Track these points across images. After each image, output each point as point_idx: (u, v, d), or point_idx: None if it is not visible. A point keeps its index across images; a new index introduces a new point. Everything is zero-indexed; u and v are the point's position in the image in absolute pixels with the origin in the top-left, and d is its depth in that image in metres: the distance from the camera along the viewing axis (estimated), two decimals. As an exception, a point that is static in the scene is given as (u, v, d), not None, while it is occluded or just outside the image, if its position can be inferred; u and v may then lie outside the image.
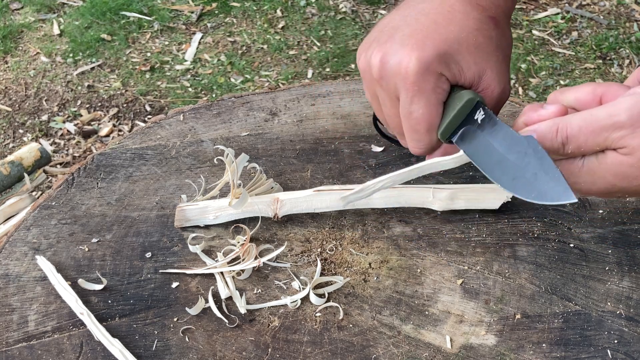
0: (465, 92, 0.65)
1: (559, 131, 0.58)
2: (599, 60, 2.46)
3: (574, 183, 0.60)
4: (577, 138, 0.57)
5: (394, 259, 0.81)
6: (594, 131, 0.56)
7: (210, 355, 0.72)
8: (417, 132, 0.67)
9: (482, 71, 0.66)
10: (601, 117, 0.56)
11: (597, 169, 0.58)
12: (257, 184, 0.87)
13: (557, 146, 0.59)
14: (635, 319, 0.73)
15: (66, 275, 0.80)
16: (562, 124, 0.58)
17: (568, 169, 0.60)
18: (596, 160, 0.58)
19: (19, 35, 2.72)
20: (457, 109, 0.64)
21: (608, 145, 0.56)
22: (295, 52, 2.57)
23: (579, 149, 0.58)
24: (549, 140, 0.59)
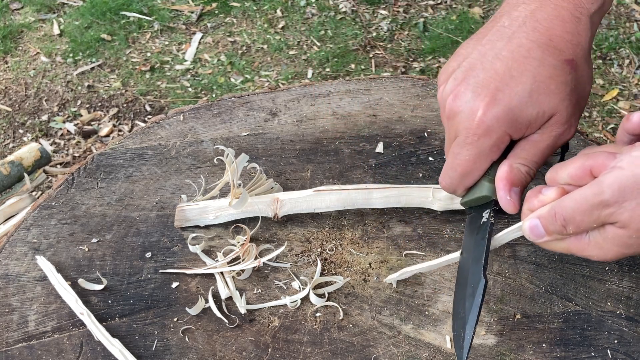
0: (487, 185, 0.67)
1: (557, 215, 0.60)
2: (599, 60, 2.46)
3: (588, 256, 0.62)
4: (573, 219, 0.59)
5: (394, 259, 0.81)
6: (585, 211, 0.58)
7: (210, 355, 0.72)
8: (454, 171, 0.69)
9: (549, 116, 0.65)
10: (589, 197, 0.57)
11: (603, 243, 0.59)
12: (257, 184, 0.87)
13: (559, 229, 0.61)
14: (635, 319, 0.73)
15: (66, 275, 0.80)
16: (558, 208, 0.60)
17: (577, 245, 0.61)
18: (599, 235, 0.59)
19: (19, 35, 2.71)
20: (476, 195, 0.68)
21: (603, 221, 0.58)
22: (295, 52, 2.57)
23: (578, 228, 0.59)
24: (552, 224, 0.61)
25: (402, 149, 0.94)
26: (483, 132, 0.64)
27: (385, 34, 2.62)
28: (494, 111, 0.64)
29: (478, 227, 0.69)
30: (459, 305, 0.67)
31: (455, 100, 0.66)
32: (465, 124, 0.65)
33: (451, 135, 0.69)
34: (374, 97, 1.02)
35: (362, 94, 1.03)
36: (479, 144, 0.65)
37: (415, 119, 0.98)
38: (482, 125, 0.64)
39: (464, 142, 0.66)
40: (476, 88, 0.65)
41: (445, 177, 0.71)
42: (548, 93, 0.64)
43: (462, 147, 0.66)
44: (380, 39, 2.60)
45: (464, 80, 0.66)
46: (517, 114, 0.64)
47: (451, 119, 0.67)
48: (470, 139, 0.65)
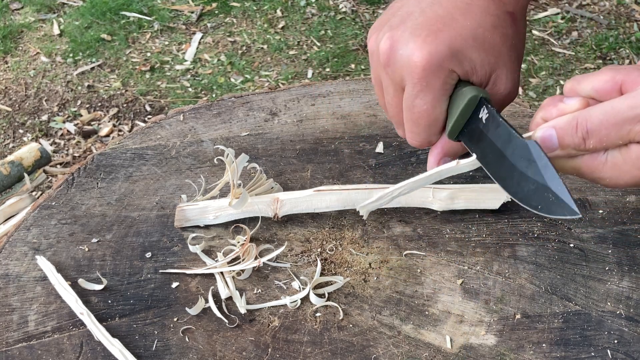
0: (468, 88, 0.63)
1: (579, 126, 0.56)
2: (599, 60, 2.46)
3: (598, 179, 0.58)
4: (598, 132, 0.55)
5: (394, 259, 0.81)
6: (615, 124, 0.54)
7: (210, 355, 0.72)
8: (418, 125, 0.65)
9: (493, 70, 0.63)
10: (623, 109, 0.54)
11: (622, 164, 0.56)
12: (257, 184, 0.87)
13: (577, 142, 0.56)
14: (635, 319, 0.73)
15: (66, 275, 0.80)
16: (581, 118, 0.56)
17: (591, 165, 0.58)
18: (619, 154, 0.56)
19: (19, 35, 2.72)
20: (461, 107, 0.62)
21: (631, 138, 0.54)
22: (295, 52, 2.57)
23: (600, 143, 0.56)
24: (569, 136, 0.57)
25: (402, 149, 0.94)
26: (430, 72, 0.60)
27: (385, 34, 2.62)
28: (436, 48, 0.59)
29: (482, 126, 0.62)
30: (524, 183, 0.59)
31: (393, 45, 0.62)
32: (408, 69, 0.61)
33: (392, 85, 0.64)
34: (374, 97, 1.02)
35: (362, 94, 1.03)
36: (430, 87, 0.61)
37: (415, 119, 0.98)
38: (428, 66, 0.60)
39: (414, 91, 0.62)
40: (415, 29, 0.61)
41: (412, 136, 0.66)
42: (492, 43, 0.61)
43: (415, 98, 0.62)
44: (380, 39, 2.59)
45: (401, 24, 0.62)
46: (461, 52, 0.61)
47: (390, 67, 0.63)
48: (419, 84, 0.61)
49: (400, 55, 0.61)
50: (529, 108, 0.99)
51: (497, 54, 0.63)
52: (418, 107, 0.63)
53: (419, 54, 0.60)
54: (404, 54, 0.61)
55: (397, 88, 0.65)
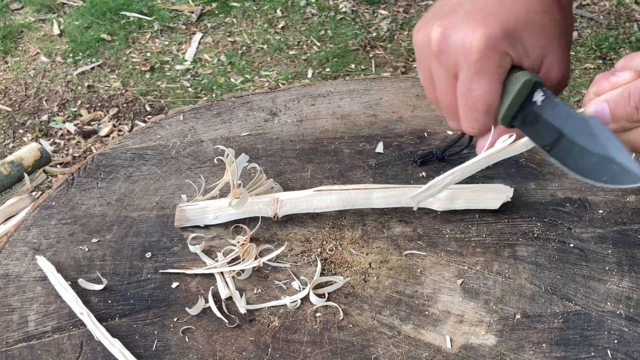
0: (521, 73, 0.62)
1: (632, 96, 0.55)
2: (599, 60, 2.46)
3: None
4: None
5: (394, 259, 0.81)
6: None
7: (210, 355, 0.72)
8: (475, 111, 0.64)
9: (545, 54, 0.63)
10: None
11: None
12: (257, 184, 0.87)
13: (630, 112, 0.56)
14: (635, 319, 0.73)
15: (66, 275, 0.80)
16: (633, 87, 0.55)
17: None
18: None
19: (19, 35, 2.71)
20: (515, 91, 0.62)
21: None
22: (295, 52, 2.57)
23: None
24: (622, 107, 0.56)
25: (402, 149, 0.94)
26: (485, 55, 0.60)
27: (385, 34, 2.62)
28: (490, 30, 0.60)
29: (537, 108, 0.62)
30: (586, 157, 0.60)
31: (445, 32, 0.62)
32: (462, 52, 0.61)
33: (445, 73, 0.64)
34: (374, 97, 1.02)
35: (362, 94, 1.03)
36: (486, 69, 0.61)
37: (415, 119, 0.98)
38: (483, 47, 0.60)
39: (469, 75, 0.61)
40: (466, 15, 0.61)
41: (470, 123, 0.65)
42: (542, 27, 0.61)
43: (471, 82, 0.62)
44: (380, 39, 2.60)
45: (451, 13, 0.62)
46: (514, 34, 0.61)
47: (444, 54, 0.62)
48: (474, 68, 0.61)
49: (454, 40, 0.61)
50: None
51: (548, 37, 0.62)
52: (475, 91, 0.62)
53: (473, 36, 0.60)
54: (458, 38, 0.61)
55: (451, 76, 0.64)
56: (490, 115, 0.64)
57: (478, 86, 0.62)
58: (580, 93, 2.32)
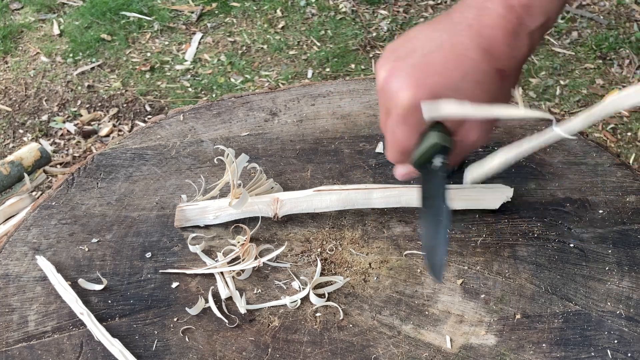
0: (435, 134, 0.70)
1: None
2: (599, 60, 2.46)
3: None
4: None
5: (394, 259, 0.81)
6: None
7: (210, 355, 0.72)
8: (394, 149, 0.73)
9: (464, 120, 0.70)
10: None
11: None
12: (257, 184, 0.87)
13: None
14: (635, 319, 0.73)
15: (66, 275, 0.80)
16: None
17: None
18: None
19: (19, 35, 2.71)
20: (423, 148, 0.71)
21: None
22: (295, 52, 2.57)
23: None
24: None
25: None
26: (410, 111, 0.68)
27: (385, 34, 2.62)
28: (418, 94, 0.67)
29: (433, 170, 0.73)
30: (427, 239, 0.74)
31: (388, 77, 0.70)
32: (393, 102, 0.69)
33: (383, 107, 0.73)
34: (374, 97, 1.02)
35: (362, 94, 1.03)
36: (407, 122, 0.69)
37: (415, 119, 0.98)
38: (408, 106, 0.68)
39: (396, 122, 0.70)
40: (410, 70, 0.69)
41: (390, 154, 0.75)
42: (471, 97, 0.68)
43: (396, 127, 0.71)
44: (380, 39, 2.60)
45: (403, 59, 0.70)
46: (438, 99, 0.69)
47: (383, 93, 0.71)
48: (399, 118, 0.69)
49: (391, 88, 0.69)
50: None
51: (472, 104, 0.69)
52: (396, 135, 0.71)
53: (404, 94, 0.68)
54: (394, 88, 0.69)
55: (385, 112, 0.72)
56: (405, 155, 0.73)
57: (399, 132, 0.71)
58: (580, 93, 2.33)
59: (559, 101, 2.31)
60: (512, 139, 0.92)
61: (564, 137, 0.68)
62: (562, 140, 0.92)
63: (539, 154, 0.92)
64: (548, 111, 2.23)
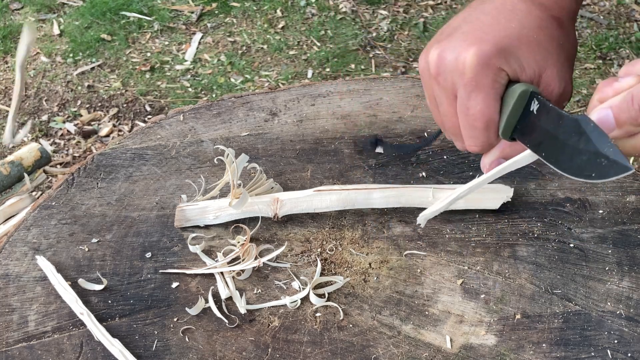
0: (517, 85, 0.63)
1: (635, 99, 0.55)
2: (599, 60, 2.46)
3: None
4: None
5: (394, 259, 0.81)
6: None
7: (210, 355, 0.72)
8: (475, 128, 0.65)
9: (542, 69, 0.64)
10: None
11: None
12: (257, 184, 0.87)
13: (635, 115, 0.56)
14: (635, 319, 0.73)
15: (66, 275, 0.80)
16: (636, 91, 0.55)
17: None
18: None
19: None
20: (512, 104, 0.62)
21: None
22: (295, 52, 2.57)
23: None
24: (626, 111, 0.56)
25: (401, 151, 0.94)
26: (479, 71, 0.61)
27: (385, 34, 2.62)
28: (483, 48, 0.61)
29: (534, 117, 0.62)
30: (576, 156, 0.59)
31: (441, 54, 0.63)
32: (457, 72, 0.62)
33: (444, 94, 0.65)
34: (374, 97, 1.02)
35: (362, 94, 1.03)
36: (481, 86, 0.62)
37: (415, 119, 0.98)
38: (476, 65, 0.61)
39: (466, 94, 0.63)
40: (461, 37, 0.63)
41: (471, 141, 0.66)
42: (538, 43, 0.63)
43: (468, 100, 0.63)
44: (380, 39, 2.60)
45: (448, 37, 0.64)
46: (508, 50, 0.62)
47: (441, 75, 0.64)
48: (470, 85, 0.62)
49: (449, 62, 0.63)
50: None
51: (544, 53, 0.63)
52: (472, 108, 0.63)
53: (465, 55, 0.61)
54: (452, 58, 0.62)
55: (450, 96, 0.65)
56: (490, 130, 0.65)
57: (475, 103, 0.63)
58: (580, 93, 2.32)
59: (559, 101, 2.30)
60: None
61: None
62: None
63: (539, 154, 0.92)
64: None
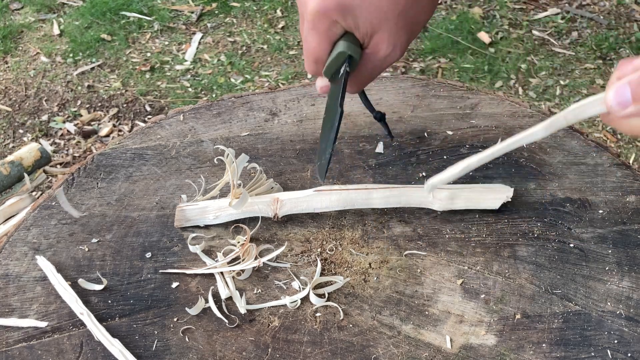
0: (343, 43, 0.72)
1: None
2: (599, 60, 2.46)
3: None
4: None
5: (394, 259, 0.81)
6: None
7: (210, 355, 0.72)
8: (308, 58, 0.76)
9: (375, 30, 0.71)
10: None
11: None
12: (257, 184, 0.87)
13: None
14: (635, 319, 0.73)
15: (66, 275, 0.80)
16: None
17: None
18: None
19: (19, 35, 2.71)
20: (332, 57, 0.73)
21: None
22: (295, 52, 2.57)
23: None
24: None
25: (402, 149, 0.94)
26: (317, 17, 0.71)
27: (385, 34, 2.62)
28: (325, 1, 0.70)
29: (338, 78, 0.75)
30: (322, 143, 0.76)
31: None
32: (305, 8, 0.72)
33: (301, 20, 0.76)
34: (374, 97, 1.02)
35: (362, 94, 1.03)
36: (317, 29, 0.72)
37: (415, 119, 0.98)
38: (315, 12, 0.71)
39: (308, 29, 0.73)
40: None
41: (306, 63, 0.77)
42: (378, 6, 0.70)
43: (308, 34, 0.73)
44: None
45: None
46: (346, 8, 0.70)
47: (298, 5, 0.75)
48: (309, 24, 0.72)
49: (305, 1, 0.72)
50: (528, 108, 0.99)
51: (381, 16, 0.70)
52: (308, 42, 0.74)
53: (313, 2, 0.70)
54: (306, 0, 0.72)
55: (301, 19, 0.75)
56: (318, 65, 0.76)
57: (310, 39, 0.73)
58: (580, 93, 2.32)
59: (559, 101, 2.31)
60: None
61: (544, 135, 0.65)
62: (562, 139, 0.92)
63: (539, 154, 0.92)
64: (548, 111, 2.23)
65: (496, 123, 0.96)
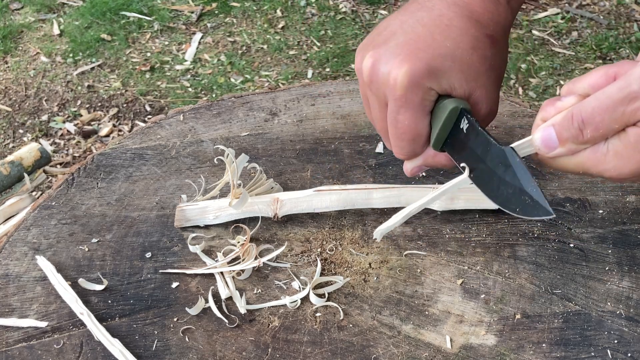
0: (449, 100, 0.65)
1: (574, 117, 0.57)
2: (599, 60, 2.46)
3: (603, 171, 0.58)
4: (592, 119, 0.56)
5: (394, 259, 0.81)
6: (608, 109, 0.55)
7: (210, 355, 0.72)
8: (402, 140, 0.67)
9: (472, 90, 0.65)
10: (613, 92, 0.55)
11: (623, 150, 0.56)
12: (257, 184, 0.87)
13: (575, 133, 0.57)
14: (635, 319, 0.73)
15: (66, 275, 0.80)
16: (576, 109, 0.57)
17: (593, 157, 0.58)
18: (619, 141, 0.56)
19: (19, 35, 2.72)
20: (442, 119, 0.65)
21: (626, 121, 0.55)
22: (295, 52, 2.57)
23: (597, 131, 0.56)
24: (567, 129, 0.58)
25: (402, 149, 0.94)
26: (409, 90, 0.63)
27: (385, 34, 2.62)
28: (415, 66, 0.62)
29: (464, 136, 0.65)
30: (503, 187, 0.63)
31: (375, 64, 0.64)
32: (388, 86, 0.64)
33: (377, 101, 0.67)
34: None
35: (362, 94, 1.03)
36: (410, 104, 0.64)
37: (415, 119, 0.98)
38: (406, 83, 0.62)
39: (396, 108, 0.65)
40: (396, 49, 0.64)
41: (397, 150, 0.69)
42: (470, 64, 0.64)
43: (397, 113, 0.65)
44: (380, 39, 2.59)
45: (384, 43, 0.65)
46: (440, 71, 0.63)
47: (373, 84, 0.65)
48: (399, 101, 0.64)
49: (382, 73, 0.64)
50: (528, 108, 0.99)
51: (475, 74, 0.65)
52: (400, 122, 0.66)
53: (397, 72, 0.62)
54: (385, 71, 0.64)
55: (382, 104, 0.67)
56: (417, 143, 0.67)
57: (403, 118, 0.65)
58: (580, 93, 2.32)
59: (559, 101, 2.30)
60: (512, 139, 0.92)
61: None
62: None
63: (539, 154, 0.92)
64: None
65: (496, 123, 0.96)
